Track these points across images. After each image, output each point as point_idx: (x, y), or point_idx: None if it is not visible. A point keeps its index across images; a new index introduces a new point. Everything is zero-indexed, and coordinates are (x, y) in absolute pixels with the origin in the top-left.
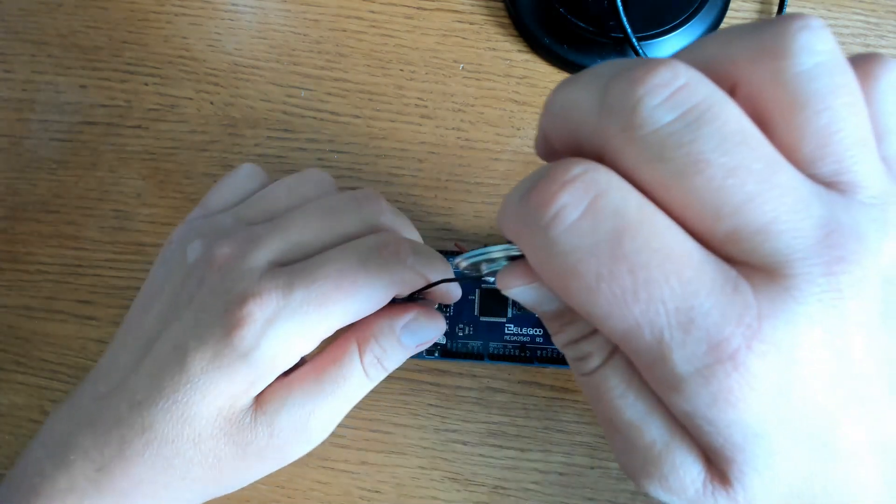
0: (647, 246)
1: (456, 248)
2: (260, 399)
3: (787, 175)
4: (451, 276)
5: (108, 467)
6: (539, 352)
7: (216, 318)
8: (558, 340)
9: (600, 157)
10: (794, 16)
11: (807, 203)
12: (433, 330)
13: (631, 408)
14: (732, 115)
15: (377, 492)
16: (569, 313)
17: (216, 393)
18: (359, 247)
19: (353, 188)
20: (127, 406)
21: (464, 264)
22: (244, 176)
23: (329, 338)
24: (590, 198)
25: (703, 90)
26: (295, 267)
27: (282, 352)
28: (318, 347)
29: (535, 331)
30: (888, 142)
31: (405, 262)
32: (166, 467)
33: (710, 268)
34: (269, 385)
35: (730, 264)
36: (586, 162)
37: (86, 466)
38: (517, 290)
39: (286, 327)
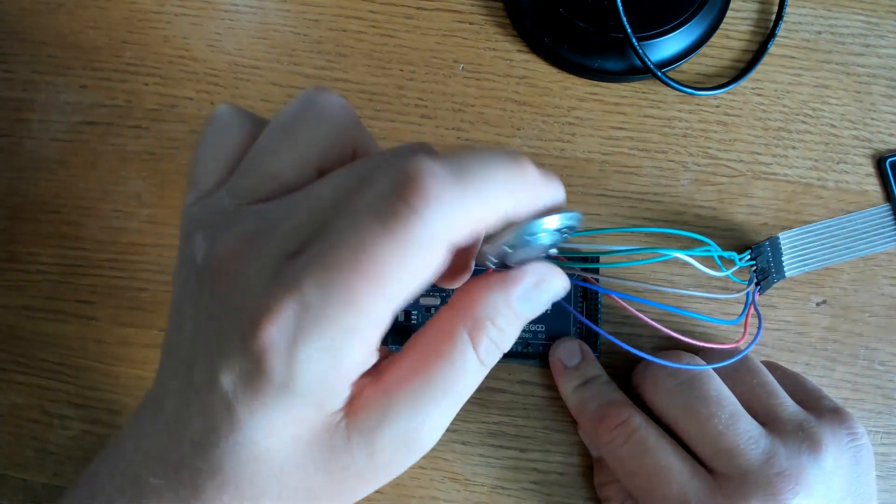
0: (657, 463)
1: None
2: (352, 412)
3: (745, 421)
4: (556, 195)
5: None
6: (541, 347)
7: (237, 347)
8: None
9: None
10: None
11: (757, 439)
12: (557, 289)
13: None
14: (713, 383)
15: (377, 491)
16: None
17: (280, 426)
18: (370, 199)
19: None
20: (189, 445)
21: (483, 251)
22: (224, 128)
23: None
24: (628, 434)
25: (695, 371)
26: (303, 257)
27: (328, 372)
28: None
29: (538, 326)
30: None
31: (438, 189)
32: None
33: (697, 478)
34: (362, 394)
35: (712, 475)
36: (630, 408)
37: None
38: (585, 436)
39: (315, 344)
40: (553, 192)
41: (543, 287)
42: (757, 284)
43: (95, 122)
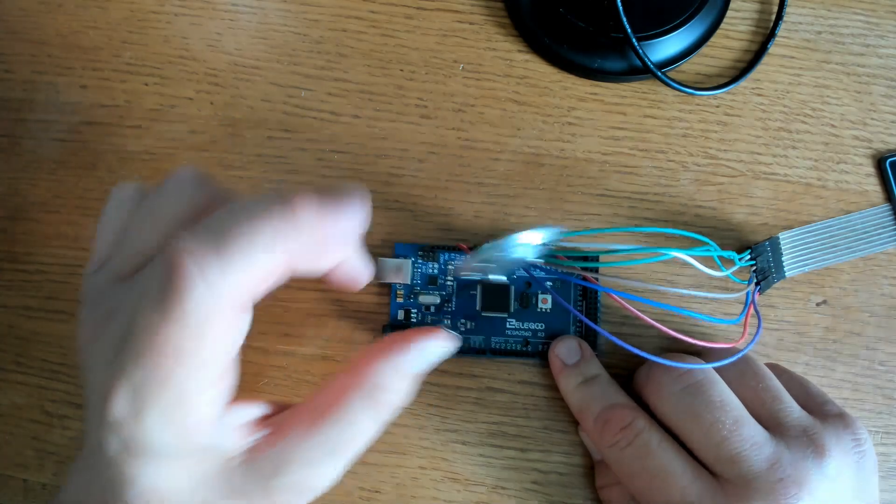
0: (660, 466)
1: (461, 248)
2: (251, 459)
3: (749, 427)
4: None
5: None
6: (541, 346)
7: (103, 418)
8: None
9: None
10: None
11: (761, 445)
12: (441, 353)
13: None
14: (717, 388)
15: (377, 492)
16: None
17: (173, 475)
18: (149, 294)
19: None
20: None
21: (464, 267)
22: (117, 206)
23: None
24: (632, 436)
25: (699, 376)
26: (124, 348)
27: (177, 433)
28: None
29: (538, 325)
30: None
31: (196, 271)
32: None
33: (700, 482)
34: (262, 443)
35: (716, 480)
36: (634, 411)
37: None
38: (586, 437)
39: (153, 416)
40: (343, 217)
41: (429, 352)
42: (757, 284)
43: (95, 122)
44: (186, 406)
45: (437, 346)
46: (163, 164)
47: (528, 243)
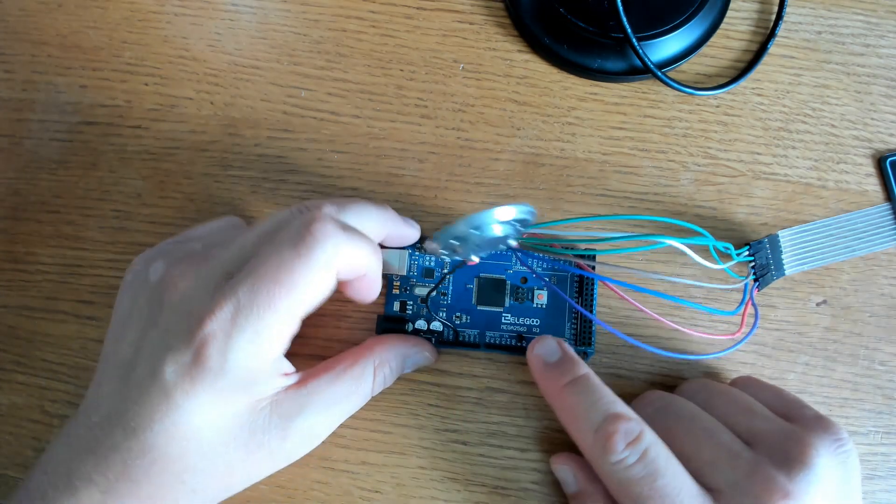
0: (670, 486)
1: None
2: (277, 402)
3: (724, 435)
4: (394, 225)
5: (113, 489)
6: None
7: (183, 340)
8: None
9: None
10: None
11: (738, 453)
12: (428, 361)
13: None
14: (686, 406)
15: (377, 492)
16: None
17: (209, 408)
18: (286, 234)
19: (353, 189)
20: (122, 432)
21: (433, 246)
22: (226, 222)
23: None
24: (641, 452)
25: (668, 398)
26: (239, 274)
27: (251, 358)
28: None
29: (533, 321)
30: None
31: (331, 230)
32: (175, 483)
33: (699, 497)
34: (287, 390)
35: (708, 491)
36: (640, 422)
37: (91, 490)
38: (561, 469)
39: (244, 335)
40: (410, 226)
41: (423, 357)
42: (755, 281)
43: (95, 122)
44: (270, 335)
45: (425, 354)
46: (163, 164)
47: (499, 220)
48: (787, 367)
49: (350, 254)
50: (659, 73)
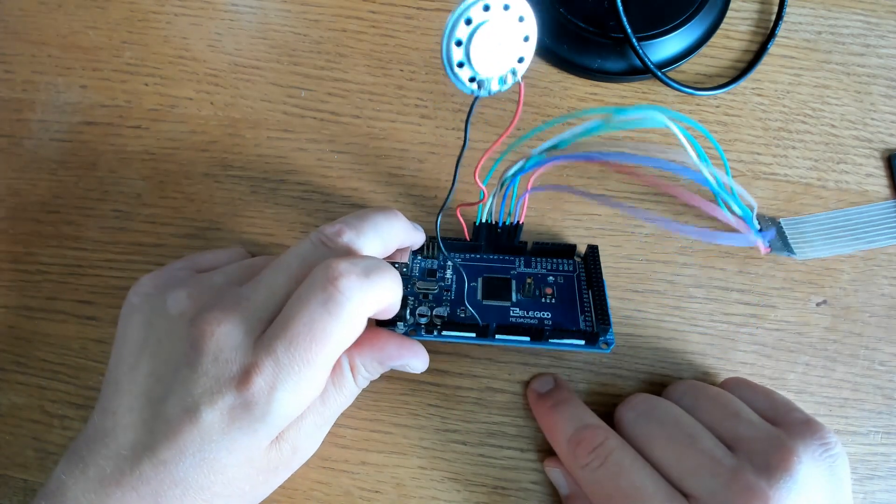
0: (634, 485)
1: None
2: (288, 426)
3: (705, 440)
4: (406, 233)
5: None
6: (547, 332)
7: (231, 390)
8: None
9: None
10: None
11: (720, 458)
12: (418, 365)
13: None
14: (670, 409)
15: (377, 492)
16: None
17: (241, 447)
18: (312, 293)
19: (353, 189)
20: (151, 466)
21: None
22: (236, 254)
23: None
24: (605, 456)
25: (652, 401)
26: (273, 330)
27: (292, 406)
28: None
29: (545, 313)
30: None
31: (356, 284)
32: None
33: (674, 501)
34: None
35: (684, 496)
36: (606, 431)
37: None
38: (553, 471)
39: (286, 387)
40: (417, 231)
41: (405, 360)
42: (760, 230)
43: (95, 122)
44: (309, 386)
45: (415, 361)
46: (163, 164)
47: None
48: (787, 367)
49: (376, 299)
50: (659, 74)
